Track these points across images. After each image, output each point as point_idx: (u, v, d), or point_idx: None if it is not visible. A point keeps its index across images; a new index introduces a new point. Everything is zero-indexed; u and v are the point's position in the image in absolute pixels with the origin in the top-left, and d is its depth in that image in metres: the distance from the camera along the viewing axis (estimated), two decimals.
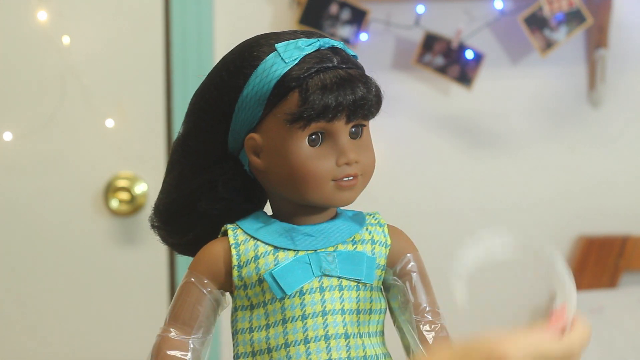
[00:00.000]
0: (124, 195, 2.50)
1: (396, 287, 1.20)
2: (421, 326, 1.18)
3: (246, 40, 1.19)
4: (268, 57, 1.14)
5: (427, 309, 1.19)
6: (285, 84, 1.12)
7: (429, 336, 1.18)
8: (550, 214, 2.60)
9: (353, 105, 1.12)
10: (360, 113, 1.13)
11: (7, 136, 2.49)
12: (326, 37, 1.16)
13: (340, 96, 1.11)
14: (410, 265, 1.20)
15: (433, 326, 1.18)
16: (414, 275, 1.20)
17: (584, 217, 2.61)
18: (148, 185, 2.53)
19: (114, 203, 2.51)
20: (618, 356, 2.40)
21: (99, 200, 2.52)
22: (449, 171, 2.60)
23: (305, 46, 1.14)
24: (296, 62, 1.12)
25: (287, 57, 1.13)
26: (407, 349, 1.21)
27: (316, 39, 1.15)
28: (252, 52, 1.15)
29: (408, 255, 1.20)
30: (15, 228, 2.53)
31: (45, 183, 2.51)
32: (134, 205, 2.51)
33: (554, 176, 2.61)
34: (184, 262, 2.51)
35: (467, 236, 2.79)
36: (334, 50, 1.15)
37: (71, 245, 2.53)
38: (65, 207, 2.52)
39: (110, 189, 2.51)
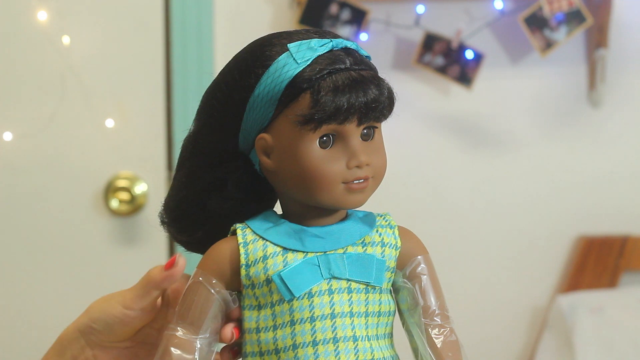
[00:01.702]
0: (124, 195, 2.50)
1: (405, 289, 1.19)
2: (430, 329, 1.17)
3: (259, 38, 1.17)
4: (280, 57, 1.13)
5: (437, 312, 1.18)
6: (296, 85, 1.11)
7: (438, 340, 1.17)
8: (550, 213, 2.61)
9: (365, 107, 1.11)
10: (372, 115, 1.12)
11: (7, 136, 2.48)
12: (340, 38, 1.15)
13: (352, 98, 1.10)
14: (420, 268, 1.19)
15: (442, 330, 1.17)
16: (424, 277, 1.19)
17: (584, 217, 2.61)
18: (148, 185, 2.52)
19: (114, 203, 2.50)
20: (618, 356, 2.40)
21: (99, 200, 2.52)
22: (449, 171, 2.60)
23: (318, 47, 1.12)
24: (308, 63, 1.11)
25: (299, 57, 1.12)
26: (416, 351, 1.20)
27: (329, 40, 1.13)
28: (264, 51, 1.14)
29: (418, 257, 1.20)
30: (15, 228, 2.52)
31: (45, 183, 2.50)
32: (134, 205, 2.51)
33: (554, 176, 2.61)
34: None
35: (467, 236, 2.80)
36: (346, 51, 1.14)
37: (71, 245, 2.53)
38: (65, 207, 2.52)
39: (110, 189, 2.50)
